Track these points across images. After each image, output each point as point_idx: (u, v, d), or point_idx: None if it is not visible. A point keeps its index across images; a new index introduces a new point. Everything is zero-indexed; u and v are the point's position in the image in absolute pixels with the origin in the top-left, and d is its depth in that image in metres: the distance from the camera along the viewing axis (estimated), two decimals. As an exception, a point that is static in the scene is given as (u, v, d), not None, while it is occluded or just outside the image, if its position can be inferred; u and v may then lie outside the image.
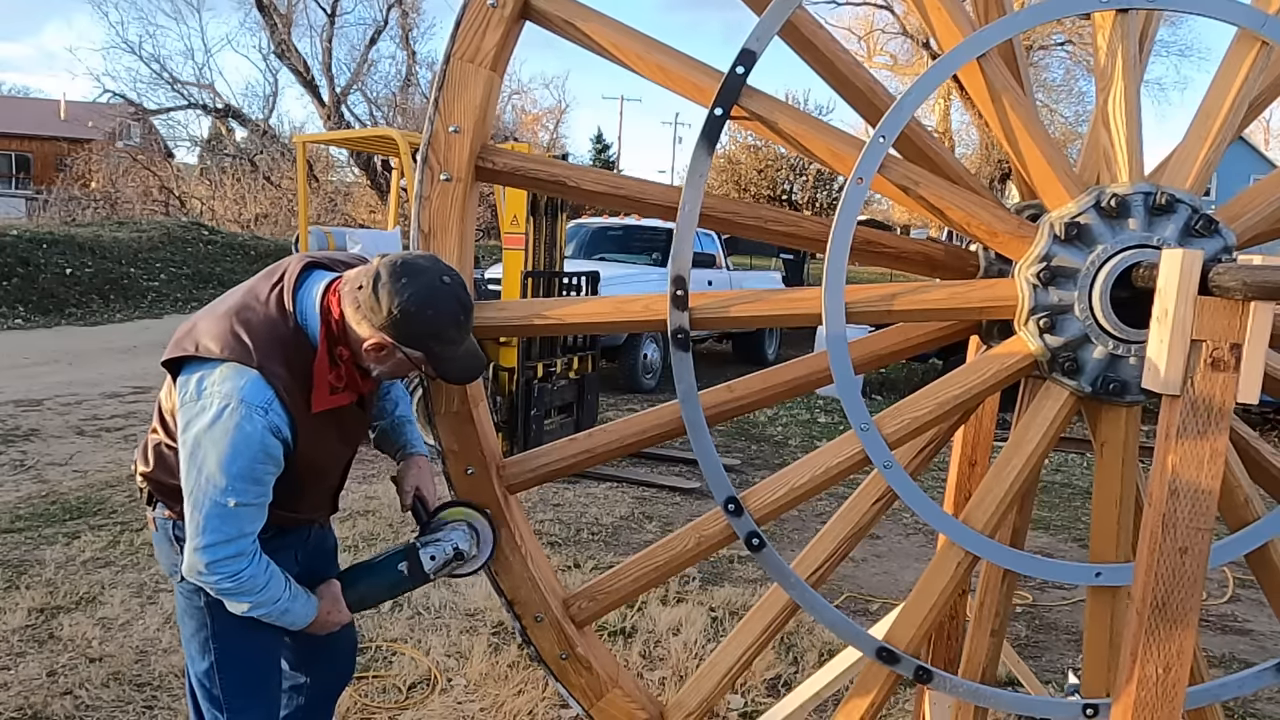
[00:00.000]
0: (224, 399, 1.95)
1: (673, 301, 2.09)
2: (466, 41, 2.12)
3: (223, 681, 2.24)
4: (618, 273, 11.09)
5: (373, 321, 1.98)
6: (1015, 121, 2.06)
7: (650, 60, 2.14)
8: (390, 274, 1.96)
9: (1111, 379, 2.02)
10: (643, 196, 2.23)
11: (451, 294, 2.00)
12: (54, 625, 4.20)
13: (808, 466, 2.19)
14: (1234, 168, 25.45)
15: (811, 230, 2.25)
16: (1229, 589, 5.47)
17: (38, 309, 15.24)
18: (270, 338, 2.01)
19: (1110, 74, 2.06)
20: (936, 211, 2.09)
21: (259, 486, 2.00)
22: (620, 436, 2.28)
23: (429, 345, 2.00)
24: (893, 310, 2.11)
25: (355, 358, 2.07)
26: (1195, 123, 2.05)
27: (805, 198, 33.93)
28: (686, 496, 6.90)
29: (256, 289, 2.10)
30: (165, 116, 32.49)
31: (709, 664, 2.37)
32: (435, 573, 2.22)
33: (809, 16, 2.17)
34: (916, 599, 2.21)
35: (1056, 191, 2.05)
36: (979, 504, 2.15)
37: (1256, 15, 1.99)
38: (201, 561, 1.99)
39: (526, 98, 41.77)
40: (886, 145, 2.01)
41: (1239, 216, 2.07)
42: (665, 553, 2.29)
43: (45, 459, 7.13)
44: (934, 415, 2.12)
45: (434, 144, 2.14)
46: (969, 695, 2.26)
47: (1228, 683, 2.24)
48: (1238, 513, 2.19)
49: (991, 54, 2.03)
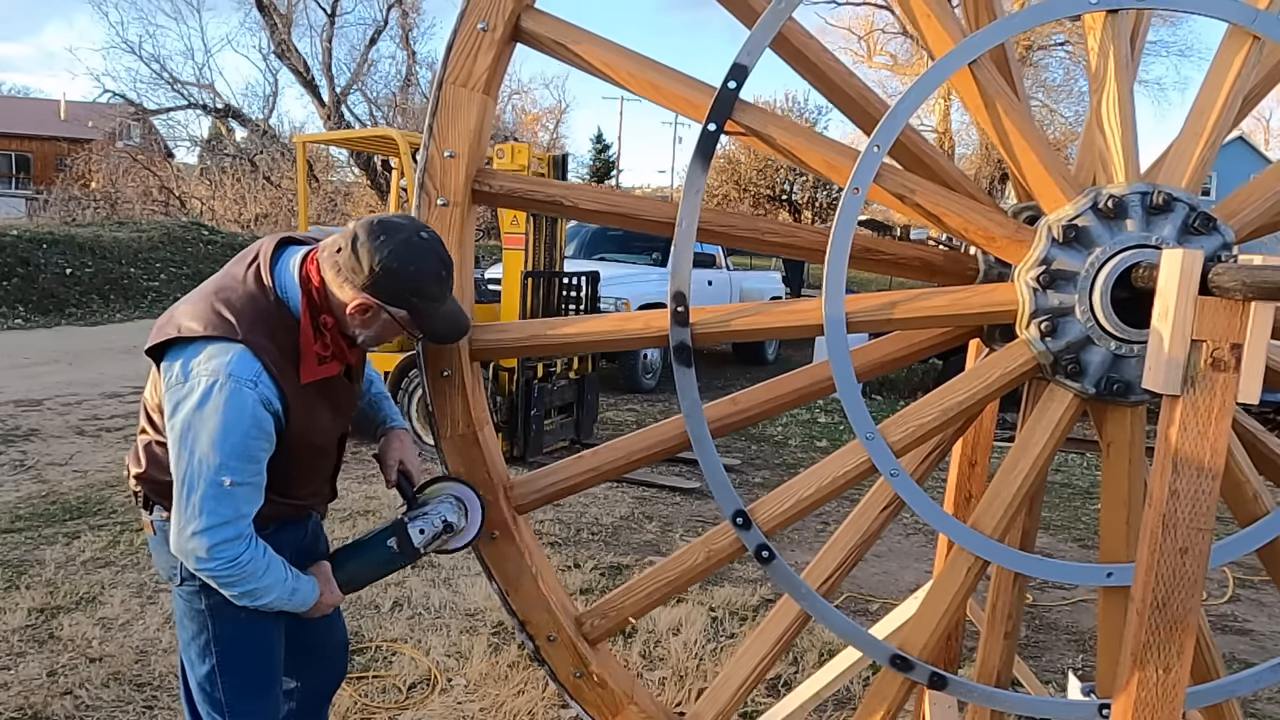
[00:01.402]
0: (211, 376, 1.92)
1: (673, 318, 2.09)
2: (458, 66, 2.13)
3: (224, 685, 2.21)
4: (618, 272, 11.08)
5: (354, 282, 1.96)
6: (1009, 126, 2.06)
7: (642, 78, 2.14)
8: (368, 233, 1.95)
9: (1115, 379, 2.02)
10: (640, 213, 2.24)
11: (430, 249, 1.99)
12: (54, 625, 4.20)
13: (814, 477, 2.19)
14: (1234, 167, 25.41)
15: (809, 240, 2.25)
16: (1229, 589, 5.45)
17: (38, 309, 15.23)
18: (253, 312, 1.99)
19: (1103, 75, 2.06)
20: (933, 218, 2.09)
21: (254, 464, 1.98)
22: (627, 453, 2.28)
23: (412, 302, 1.99)
24: (893, 319, 2.11)
25: (339, 325, 2.05)
26: (1189, 120, 2.05)
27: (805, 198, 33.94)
28: (686, 496, 6.89)
29: (232, 270, 2.08)
30: (165, 116, 32.64)
31: (723, 677, 2.37)
32: (425, 546, 2.19)
33: (799, 28, 2.17)
34: (928, 605, 2.21)
35: (1053, 194, 2.05)
36: (987, 508, 2.15)
37: (1247, 11, 1.99)
38: (202, 546, 1.95)
39: (526, 98, 41.83)
40: (881, 154, 2.01)
41: (1237, 213, 2.06)
42: (676, 567, 2.29)
43: (45, 459, 7.13)
44: (939, 422, 2.12)
45: (430, 170, 2.15)
46: (984, 699, 2.26)
47: (1243, 678, 2.24)
48: (1247, 508, 2.18)
49: (983, 59, 2.03)
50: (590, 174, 44.99)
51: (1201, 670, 2.30)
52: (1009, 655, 2.41)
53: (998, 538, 2.13)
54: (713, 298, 12.92)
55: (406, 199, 10.48)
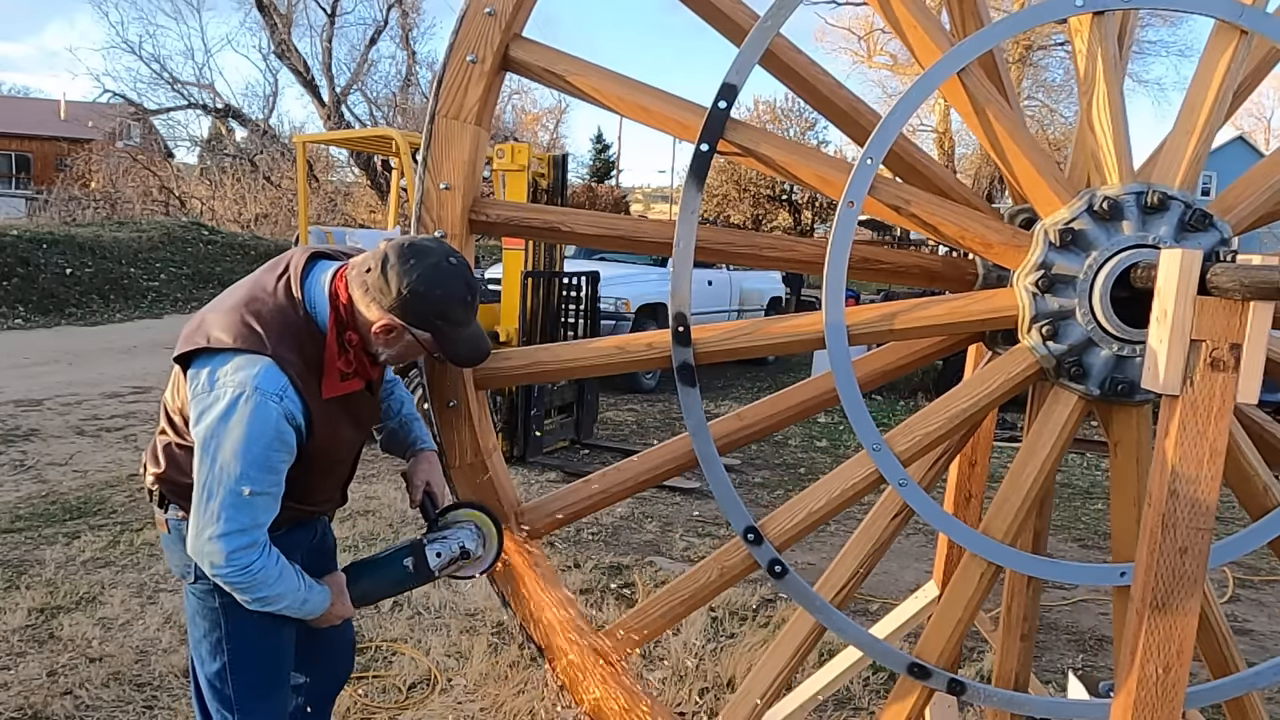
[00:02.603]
0: (238, 388, 1.95)
1: (675, 339, 2.10)
2: (450, 99, 2.14)
3: (234, 683, 2.24)
4: (618, 272, 11.06)
5: (381, 303, 1.99)
6: (1001, 132, 2.06)
7: (631, 102, 2.15)
8: (398, 256, 1.98)
9: (1119, 380, 2.02)
10: (637, 235, 2.25)
11: (458, 274, 2.02)
12: (54, 625, 4.19)
13: (824, 490, 2.19)
14: (1234, 167, 25.28)
15: (808, 254, 2.26)
16: (1229, 589, 5.41)
17: (38, 309, 15.16)
18: (281, 326, 2.02)
19: (1092, 76, 2.06)
20: (930, 228, 2.10)
21: (274, 475, 2.00)
22: (635, 474, 2.29)
23: (437, 325, 2.02)
24: (894, 329, 2.11)
25: (364, 342, 2.08)
26: (1180, 117, 2.05)
27: (805, 197, 33.88)
28: (686, 496, 6.85)
29: (262, 281, 2.11)
30: (165, 116, 32.39)
31: (743, 691, 2.38)
32: (440, 570, 2.20)
33: (787, 43, 2.18)
34: (944, 612, 2.21)
35: (1048, 198, 2.05)
36: (998, 513, 2.15)
37: (1233, 6, 1.99)
38: (218, 551, 1.97)
39: (526, 98, 41.59)
40: (874, 167, 2.02)
41: (1232, 208, 2.07)
42: (690, 585, 2.30)
43: (45, 459, 7.11)
44: (945, 430, 2.12)
45: (426, 202, 2.16)
46: (1004, 704, 2.26)
47: (1263, 670, 2.23)
48: (1258, 500, 2.18)
49: (972, 66, 2.04)
50: (590, 174, 44.91)
51: (1220, 664, 2.30)
52: (1026, 658, 2.41)
53: (1009, 542, 2.13)
54: (713, 297, 12.91)
55: (406, 199, 10.48)
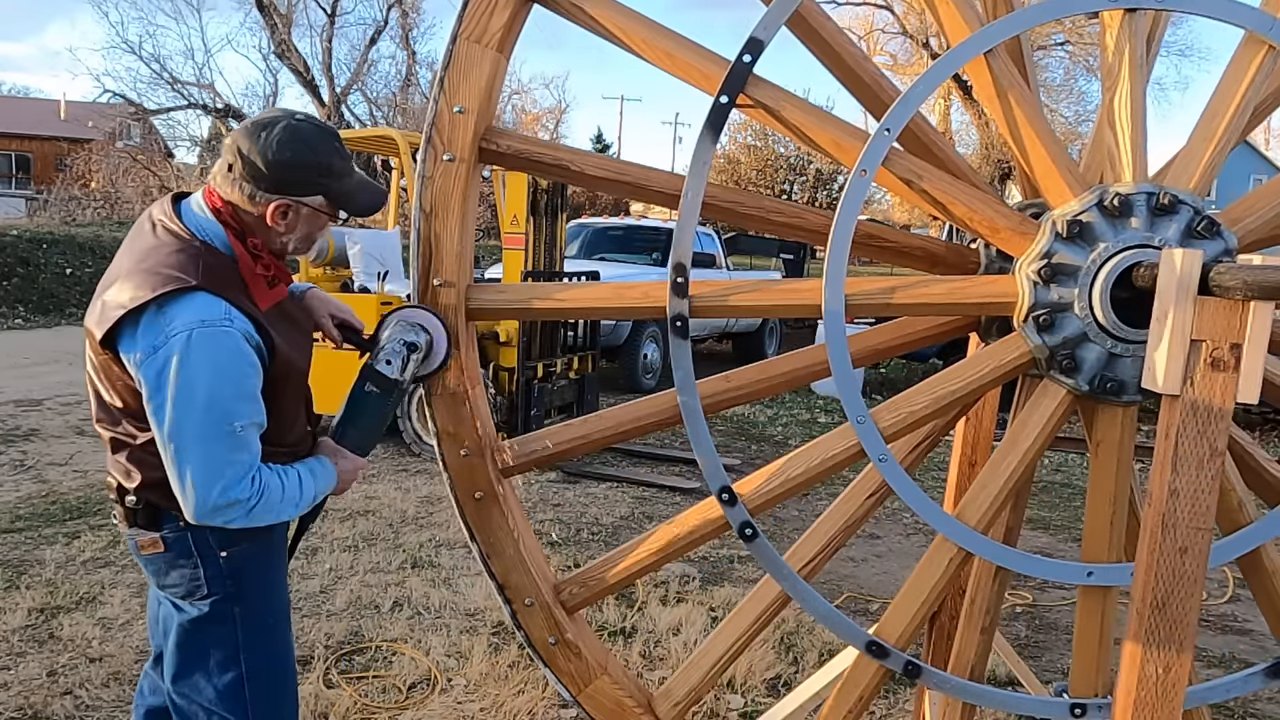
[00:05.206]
0: (185, 329, 1.85)
1: (673, 288, 2.09)
2: (474, 22, 2.11)
3: (250, 690, 2.12)
4: (618, 272, 11.10)
5: (261, 188, 1.95)
6: (1020, 118, 2.05)
7: (657, 46, 2.13)
8: (249, 137, 1.94)
9: (1109, 378, 2.02)
10: (646, 183, 2.23)
11: (314, 128, 1.99)
12: (54, 625, 4.19)
13: (803, 458, 2.18)
14: (1235, 167, 25.43)
15: (815, 223, 2.25)
16: (1229, 589, 5.46)
17: (38, 309, 15.25)
18: (187, 260, 1.92)
19: (1117, 73, 2.06)
20: (940, 206, 2.09)
21: (255, 402, 1.94)
22: (617, 423, 2.27)
23: (323, 184, 1.99)
24: (892, 303, 2.10)
25: (266, 241, 2.02)
26: (1200, 124, 2.05)
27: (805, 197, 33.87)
28: (686, 496, 6.87)
29: (140, 241, 1.99)
30: (165, 116, 32.34)
31: (699, 653, 2.37)
32: (402, 374, 2.15)
33: (817, 8, 2.17)
34: (907, 594, 2.21)
35: (1060, 189, 2.05)
36: (973, 500, 2.15)
37: (1264, 19, 1.99)
38: (236, 503, 1.90)
39: (526, 98, 41.66)
40: (891, 138, 2.01)
41: (1241, 219, 2.07)
42: (660, 539, 2.29)
43: (45, 459, 7.12)
44: (930, 410, 2.12)
45: (438, 124, 2.13)
46: (957, 691, 2.26)
47: (1216, 686, 2.25)
48: (1230, 516, 2.19)
49: (998, 50, 2.03)
50: (589, 173, 44.91)
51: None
52: (984, 650, 2.41)
53: (981, 530, 2.13)
54: None
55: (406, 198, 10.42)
